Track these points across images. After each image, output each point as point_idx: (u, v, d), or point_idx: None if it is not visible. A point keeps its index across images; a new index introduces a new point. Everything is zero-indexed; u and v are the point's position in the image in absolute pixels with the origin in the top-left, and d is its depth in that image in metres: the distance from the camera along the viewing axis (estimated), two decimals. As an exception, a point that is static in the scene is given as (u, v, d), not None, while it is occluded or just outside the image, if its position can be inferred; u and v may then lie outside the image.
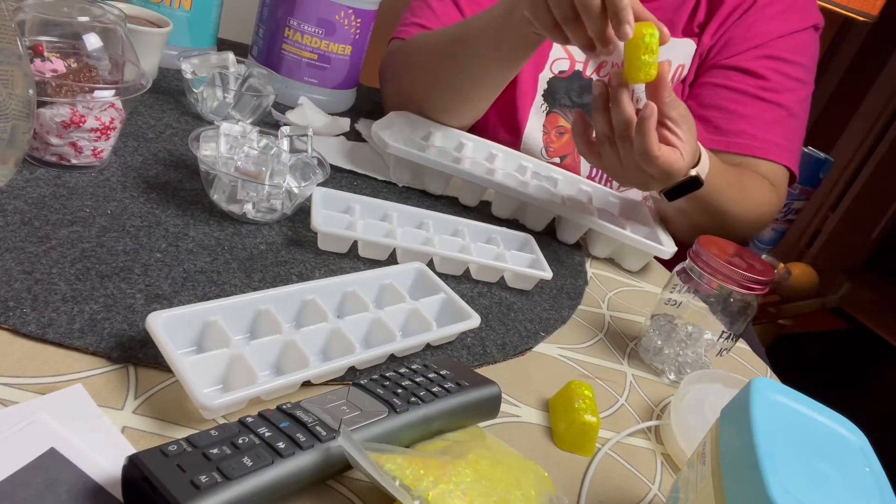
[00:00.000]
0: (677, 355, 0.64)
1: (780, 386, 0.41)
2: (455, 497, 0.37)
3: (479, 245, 0.69)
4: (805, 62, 0.94)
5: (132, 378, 0.43)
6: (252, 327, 0.49)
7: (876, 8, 2.05)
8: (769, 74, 0.91)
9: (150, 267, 0.52)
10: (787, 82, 0.92)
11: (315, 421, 0.38)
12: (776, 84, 0.91)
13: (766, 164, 0.91)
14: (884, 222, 3.20)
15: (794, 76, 0.92)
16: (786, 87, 0.92)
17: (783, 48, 0.92)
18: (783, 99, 0.92)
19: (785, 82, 0.92)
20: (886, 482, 0.38)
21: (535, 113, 0.96)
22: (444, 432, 0.45)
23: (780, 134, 0.92)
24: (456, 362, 0.50)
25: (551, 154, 0.97)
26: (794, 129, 0.94)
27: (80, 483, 0.35)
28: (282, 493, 0.36)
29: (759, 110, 0.91)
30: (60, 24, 0.59)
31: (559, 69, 0.95)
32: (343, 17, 0.87)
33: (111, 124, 0.60)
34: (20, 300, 0.45)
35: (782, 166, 0.92)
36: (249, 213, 0.62)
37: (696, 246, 0.62)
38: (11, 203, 0.54)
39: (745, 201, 0.86)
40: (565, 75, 0.95)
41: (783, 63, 0.92)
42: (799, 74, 0.93)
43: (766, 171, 0.91)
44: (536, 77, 0.95)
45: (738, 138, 0.91)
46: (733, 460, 0.37)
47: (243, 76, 0.81)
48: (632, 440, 0.54)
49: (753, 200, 0.87)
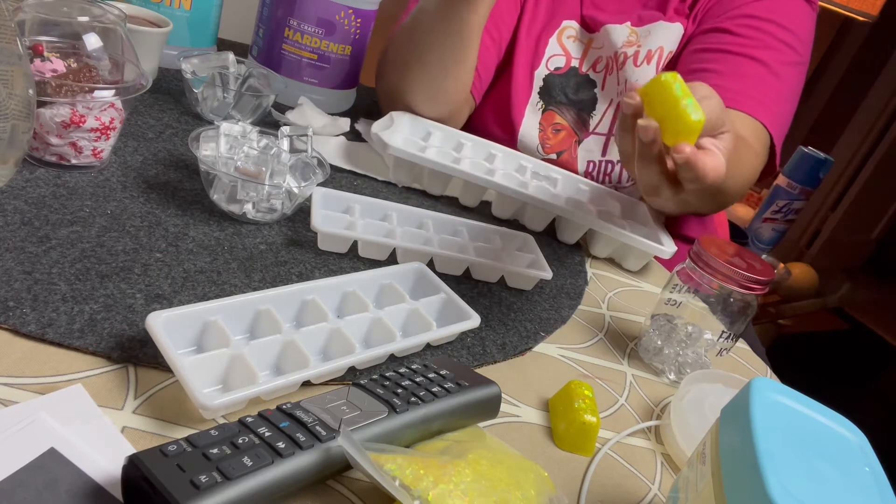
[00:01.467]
0: (677, 355, 0.64)
1: (780, 386, 0.41)
2: (455, 497, 0.36)
3: (479, 245, 0.69)
4: (792, 28, 0.86)
5: (132, 378, 0.43)
6: (252, 327, 0.49)
7: (876, 8, 2.05)
8: (744, 31, 0.85)
9: (150, 267, 0.52)
10: (766, 39, 0.85)
11: (315, 421, 0.38)
12: (754, 41, 0.84)
13: (737, 118, 0.80)
14: (884, 222, 3.20)
15: (777, 36, 0.85)
16: (764, 45, 0.85)
17: (763, 9, 0.86)
18: (763, 55, 0.84)
19: (763, 39, 0.85)
20: (886, 482, 0.38)
21: (531, 110, 0.96)
22: (444, 432, 0.45)
23: (755, 88, 0.83)
24: (456, 362, 0.50)
25: (547, 151, 0.97)
26: (775, 89, 0.85)
27: (79, 483, 0.35)
28: (282, 493, 0.36)
29: (732, 64, 0.84)
30: (60, 24, 0.59)
31: (555, 66, 0.95)
32: (343, 17, 0.87)
33: (111, 124, 0.60)
34: (20, 300, 0.45)
35: (756, 122, 0.82)
36: (249, 213, 0.62)
37: (696, 246, 0.62)
38: (11, 203, 0.54)
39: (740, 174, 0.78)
40: (561, 72, 0.95)
41: (763, 21, 0.85)
42: (784, 37, 0.86)
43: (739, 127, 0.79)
44: (532, 74, 0.95)
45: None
46: (733, 460, 0.37)
47: (243, 76, 0.81)
48: (632, 440, 0.54)
49: (744, 172, 0.79)
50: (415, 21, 0.85)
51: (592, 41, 0.93)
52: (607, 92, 0.93)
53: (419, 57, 0.85)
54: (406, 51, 0.86)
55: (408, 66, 0.86)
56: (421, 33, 0.84)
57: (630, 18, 0.91)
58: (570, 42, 0.94)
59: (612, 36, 0.90)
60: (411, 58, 0.85)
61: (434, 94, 0.86)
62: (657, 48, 0.90)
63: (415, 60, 0.85)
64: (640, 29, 0.91)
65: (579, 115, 0.95)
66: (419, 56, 0.85)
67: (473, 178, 0.78)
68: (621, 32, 0.90)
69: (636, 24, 0.91)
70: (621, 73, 0.91)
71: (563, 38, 0.94)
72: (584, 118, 0.95)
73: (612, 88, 0.93)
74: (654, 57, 0.90)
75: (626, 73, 0.91)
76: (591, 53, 0.93)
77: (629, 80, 0.91)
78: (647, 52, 0.90)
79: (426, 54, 0.84)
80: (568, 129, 0.96)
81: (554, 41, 0.94)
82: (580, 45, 0.94)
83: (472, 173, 0.78)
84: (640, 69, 0.90)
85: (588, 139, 0.95)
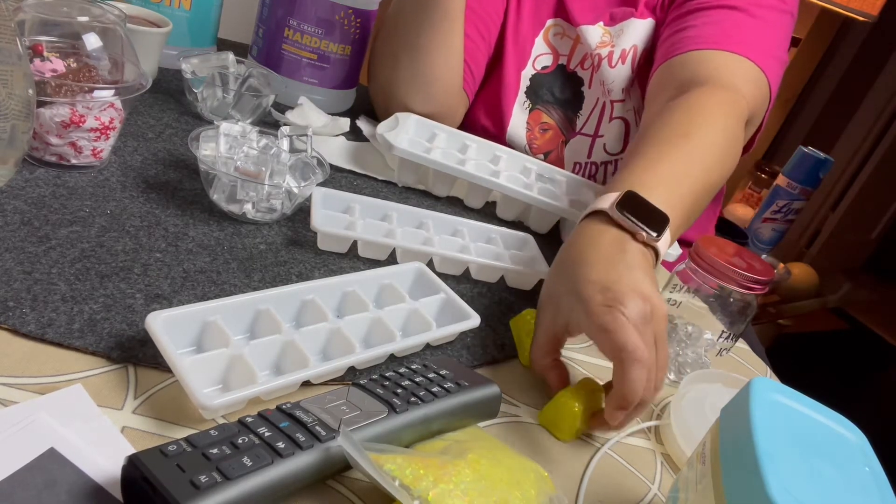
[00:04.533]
0: (677, 355, 0.64)
1: (780, 386, 0.41)
2: (455, 497, 0.36)
3: (479, 245, 0.69)
4: None
5: (132, 378, 0.43)
6: (252, 327, 0.49)
7: (876, 8, 2.04)
8: None
9: (150, 267, 0.52)
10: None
11: (315, 421, 0.38)
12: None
13: (713, 58, 0.75)
14: (884, 222, 3.20)
15: None
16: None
17: None
18: (739, 3, 0.79)
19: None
20: (886, 482, 0.38)
21: (519, 109, 0.95)
22: (444, 432, 0.45)
23: (729, 28, 0.78)
24: (456, 362, 0.50)
25: (535, 151, 0.97)
26: (753, 27, 0.79)
27: (79, 483, 0.35)
28: (282, 493, 0.36)
29: (704, 17, 0.80)
30: (60, 23, 0.59)
31: (542, 65, 0.94)
32: (343, 17, 0.87)
33: (111, 124, 0.60)
34: (20, 300, 0.45)
35: (743, 59, 0.76)
36: (249, 213, 0.62)
37: (696, 246, 0.62)
38: (11, 203, 0.54)
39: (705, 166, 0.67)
40: (548, 71, 0.94)
41: None
42: None
43: (718, 69, 0.74)
44: (519, 74, 0.95)
45: (676, 46, 0.79)
46: (733, 460, 0.37)
47: (243, 76, 0.81)
48: (631, 440, 0.54)
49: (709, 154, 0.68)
50: (397, 11, 0.87)
51: (580, 36, 0.92)
52: (594, 91, 0.93)
53: (406, 43, 0.86)
54: (394, 42, 0.87)
55: (397, 57, 0.87)
56: (405, 21, 0.86)
57: (602, 18, 0.91)
58: (556, 39, 0.94)
59: (587, 37, 0.90)
60: (399, 48, 0.86)
61: (426, 83, 0.87)
62: (630, 47, 0.89)
63: (403, 49, 0.86)
64: (612, 28, 0.90)
65: (566, 114, 0.95)
66: (406, 43, 0.86)
67: (478, 180, 0.78)
68: (594, 33, 0.90)
69: (609, 24, 0.90)
70: (597, 75, 0.91)
71: (549, 37, 0.94)
72: (570, 118, 0.95)
73: (597, 88, 0.93)
74: (629, 56, 0.89)
75: (601, 74, 0.90)
76: (580, 49, 0.92)
77: (605, 83, 0.90)
78: (620, 52, 0.89)
79: (413, 39, 0.85)
80: (555, 128, 0.95)
81: (540, 41, 0.94)
82: (568, 41, 0.93)
83: (476, 175, 0.77)
84: (615, 70, 0.89)
85: (574, 139, 0.95)
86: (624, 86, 0.90)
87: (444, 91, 0.88)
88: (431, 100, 0.88)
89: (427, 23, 0.84)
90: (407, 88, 0.87)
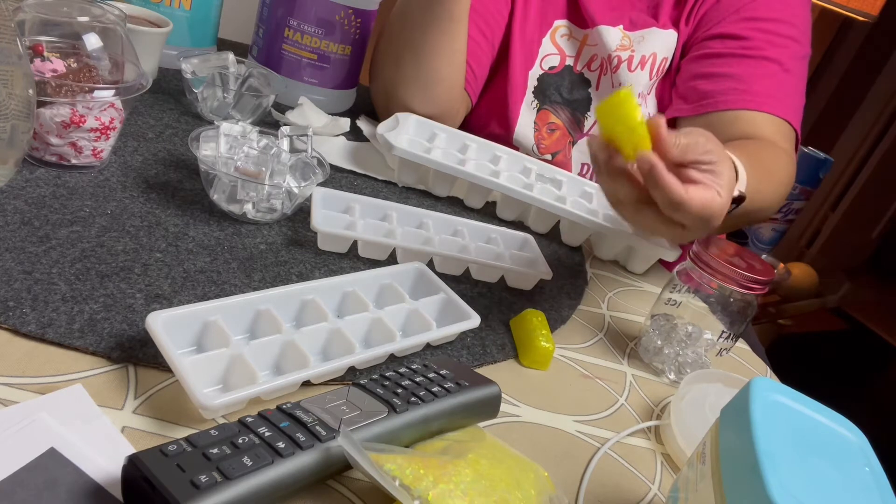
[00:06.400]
0: (677, 355, 0.64)
1: (780, 386, 0.41)
2: (455, 497, 0.37)
3: (479, 245, 0.69)
4: (794, 21, 0.88)
5: (132, 378, 0.43)
6: (252, 327, 0.49)
7: (876, 8, 2.04)
8: (751, 34, 0.86)
9: (150, 267, 0.52)
10: (772, 38, 0.87)
11: (315, 421, 0.38)
12: (760, 42, 0.86)
13: (762, 120, 0.84)
14: (884, 222, 3.20)
15: (782, 33, 0.87)
16: (772, 44, 0.87)
17: (762, 8, 0.88)
18: (771, 54, 0.86)
19: (770, 38, 0.87)
20: (886, 482, 0.38)
21: (526, 109, 0.96)
22: (444, 432, 0.45)
23: (773, 87, 0.86)
24: (456, 362, 0.50)
25: (542, 151, 0.97)
26: (791, 85, 0.87)
27: (79, 483, 0.35)
28: (282, 492, 0.36)
29: (747, 67, 0.86)
30: (60, 24, 0.59)
31: (549, 65, 0.95)
32: (343, 17, 0.87)
33: (111, 124, 0.60)
34: (20, 300, 0.45)
35: (783, 121, 0.85)
36: (249, 213, 0.62)
37: (696, 246, 0.62)
38: (11, 203, 0.54)
39: (774, 188, 0.79)
40: (555, 71, 0.95)
41: (764, 22, 0.87)
42: (787, 31, 0.87)
43: (765, 128, 0.84)
44: (527, 74, 0.95)
45: (725, 96, 0.85)
46: (733, 460, 0.37)
47: (243, 76, 0.81)
48: (632, 440, 0.54)
49: (778, 181, 0.80)
50: (402, 11, 0.87)
51: (587, 38, 0.93)
52: (602, 92, 0.93)
53: (410, 44, 0.86)
54: (397, 43, 0.87)
55: (400, 57, 0.87)
56: (409, 22, 0.85)
57: (622, 21, 0.91)
58: (563, 40, 0.94)
59: (606, 38, 0.90)
60: (403, 48, 0.86)
61: (428, 84, 0.87)
62: (651, 54, 0.90)
63: (406, 49, 0.86)
64: (633, 34, 0.91)
65: (573, 115, 0.95)
66: (410, 43, 0.86)
67: (478, 180, 0.78)
68: (615, 35, 0.90)
69: (629, 28, 0.91)
70: (615, 76, 0.91)
71: (556, 37, 0.94)
72: (578, 118, 0.95)
73: (607, 89, 0.93)
74: (648, 63, 0.90)
75: (619, 76, 0.91)
76: (586, 51, 0.93)
77: (623, 84, 0.91)
78: (640, 58, 0.90)
79: (417, 40, 0.85)
80: (563, 129, 0.96)
81: (547, 41, 0.94)
82: (574, 43, 0.94)
83: (477, 175, 0.77)
84: (634, 74, 0.90)
85: (582, 140, 0.95)
86: (640, 91, 0.91)
87: (446, 92, 0.88)
88: (433, 101, 0.88)
89: (431, 24, 0.84)
90: (409, 89, 0.87)
